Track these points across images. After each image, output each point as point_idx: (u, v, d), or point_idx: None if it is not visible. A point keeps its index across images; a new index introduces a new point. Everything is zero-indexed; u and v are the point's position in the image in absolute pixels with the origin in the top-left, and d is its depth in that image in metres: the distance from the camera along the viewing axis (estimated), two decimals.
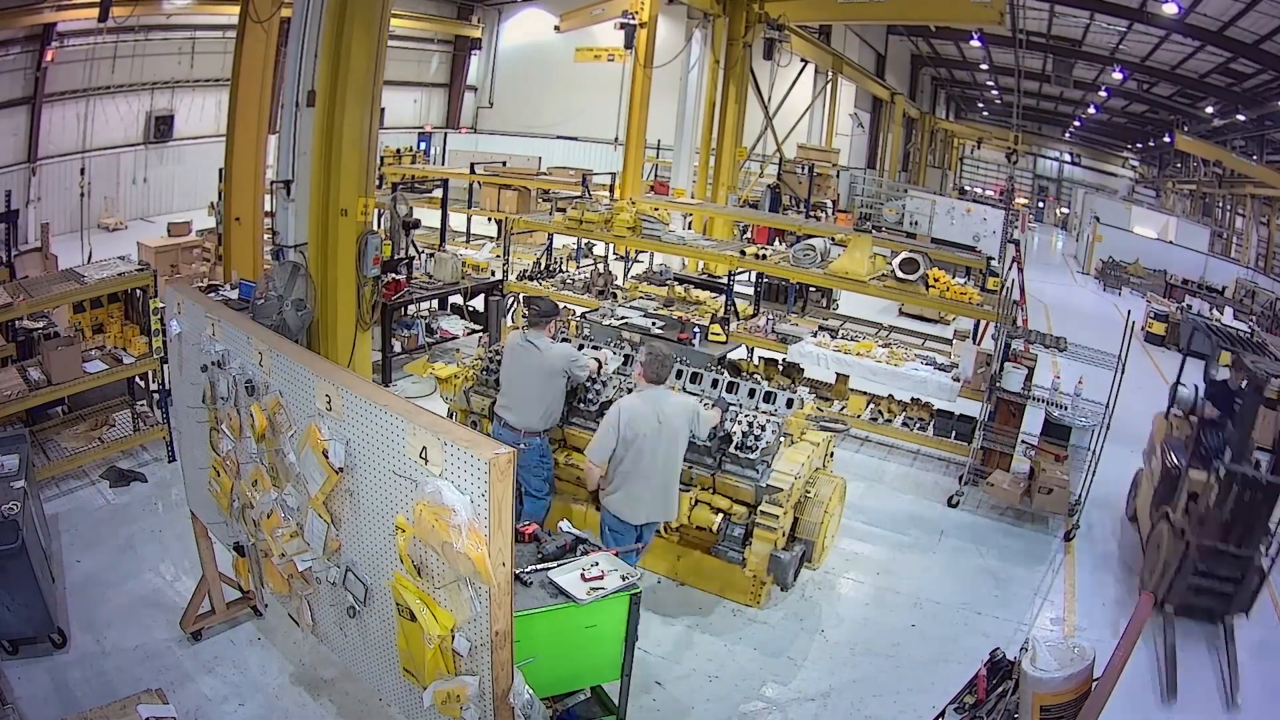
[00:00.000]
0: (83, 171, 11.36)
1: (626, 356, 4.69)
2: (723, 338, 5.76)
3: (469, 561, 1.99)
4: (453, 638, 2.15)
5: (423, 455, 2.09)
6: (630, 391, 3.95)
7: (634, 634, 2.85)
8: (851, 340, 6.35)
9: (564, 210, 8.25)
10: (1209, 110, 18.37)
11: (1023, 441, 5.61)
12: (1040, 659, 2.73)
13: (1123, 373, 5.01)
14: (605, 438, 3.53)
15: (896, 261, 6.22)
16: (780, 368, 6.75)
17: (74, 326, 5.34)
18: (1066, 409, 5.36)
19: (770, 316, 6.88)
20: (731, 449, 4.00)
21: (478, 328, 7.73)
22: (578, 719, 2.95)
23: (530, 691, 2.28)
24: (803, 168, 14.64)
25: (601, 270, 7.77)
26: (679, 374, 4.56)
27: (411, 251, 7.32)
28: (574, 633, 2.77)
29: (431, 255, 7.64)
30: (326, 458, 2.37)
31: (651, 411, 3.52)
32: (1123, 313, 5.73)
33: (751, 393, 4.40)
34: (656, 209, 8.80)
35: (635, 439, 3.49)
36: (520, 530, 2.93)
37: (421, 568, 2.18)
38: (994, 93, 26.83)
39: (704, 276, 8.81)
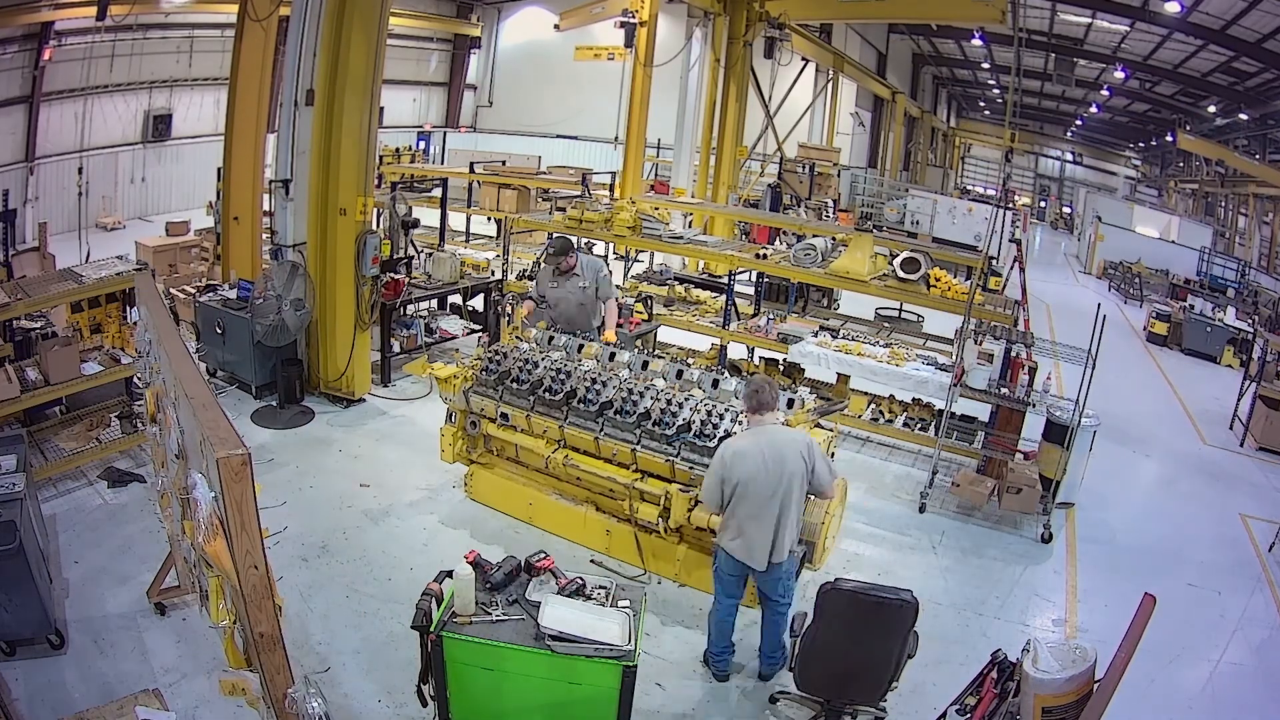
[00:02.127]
0: (81, 171, 11.33)
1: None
2: (645, 316, 6.48)
3: (215, 558, 2.03)
4: (233, 633, 2.22)
5: (200, 449, 2.11)
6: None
7: (627, 711, 2.67)
8: (851, 340, 6.33)
9: (564, 209, 8.23)
10: (1211, 109, 18.32)
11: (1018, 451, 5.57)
12: (1042, 660, 2.71)
13: (1094, 367, 4.98)
14: (710, 483, 3.36)
15: (898, 261, 6.20)
16: (781, 368, 6.73)
17: (72, 326, 5.32)
18: (1035, 405, 5.30)
19: (770, 316, 6.86)
20: None
21: (477, 328, 7.71)
22: None
23: (321, 705, 2.14)
24: (804, 167, 14.61)
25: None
26: (612, 356, 4.56)
27: (411, 251, 7.30)
28: (554, 684, 2.72)
29: (431, 255, 7.62)
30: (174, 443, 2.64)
31: (757, 450, 3.28)
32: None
33: (715, 384, 4.36)
34: (656, 208, 8.78)
35: (743, 481, 3.26)
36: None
37: (210, 562, 2.23)
38: (995, 91, 26.76)
39: (704, 276, 8.78)
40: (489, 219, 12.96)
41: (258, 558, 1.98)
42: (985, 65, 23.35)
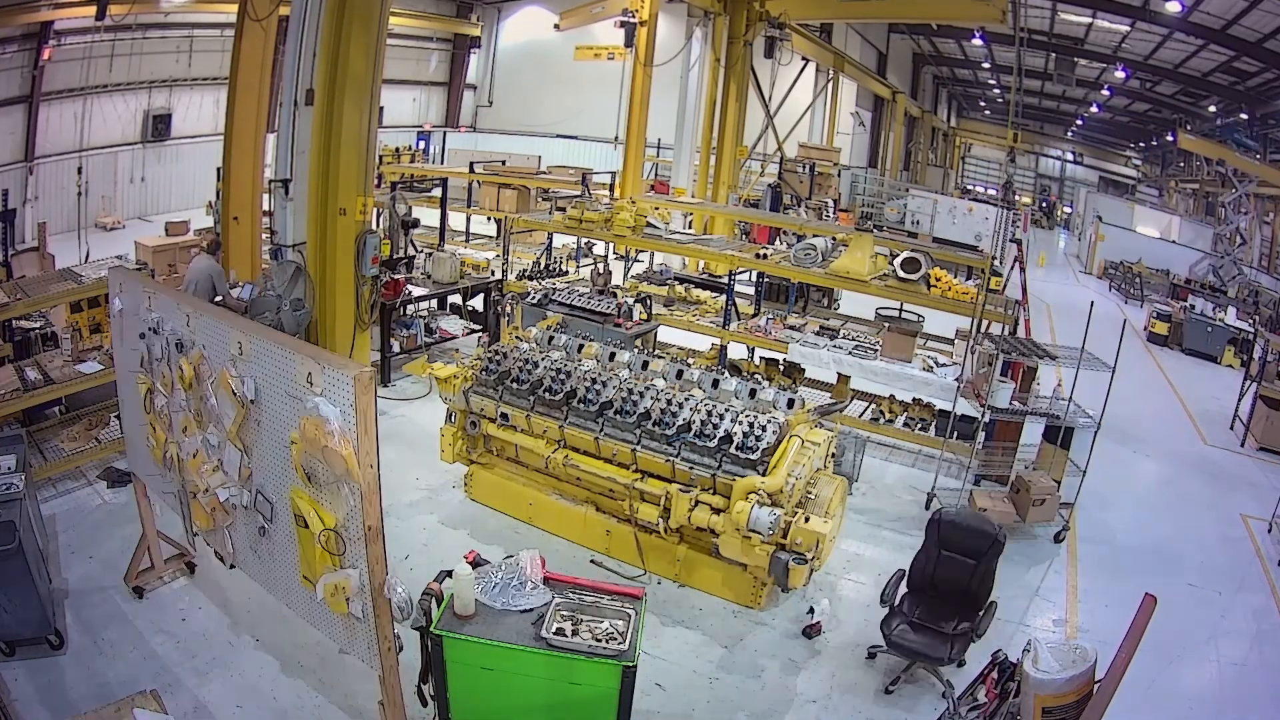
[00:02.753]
0: (80, 170, 11.32)
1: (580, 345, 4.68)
2: (645, 316, 6.67)
3: (342, 460, 2.43)
4: (335, 535, 2.57)
5: (309, 380, 2.55)
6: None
7: (627, 712, 2.69)
8: (852, 340, 6.32)
9: (564, 209, 8.22)
10: (1212, 109, 18.31)
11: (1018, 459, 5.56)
12: (1042, 661, 2.71)
13: (1078, 367, 5.01)
14: None
15: (898, 261, 6.19)
16: (781, 368, 6.73)
17: (71, 326, 5.31)
18: (1060, 416, 5.32)
19: (770, 316, 6.86)
20: (732, 449, 3.98)
21: (477, 327, 7.71)
22: None
23: (406, 591, 2.60)
24: (804, 167, 14.59)
25: (601, 270, 7.74)
26: (612, 356, 4.56)
27: (410, 251, 7.29)
28: (541, 686, 2.74)
29: (430, 255, 7.61)
30: (235, 395, 2.86)
31: None
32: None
33: (752, 393, 4.37)
34: (657, 208, 8.76)
35: None
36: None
37: (311, 475, 2.63)
38: (996, 91, 26.75)
39: (704, 276, 8.77)
40: (489, 219, 12.95)
41: (373, 458, 2.44)
42: (986, 65, 23.33)
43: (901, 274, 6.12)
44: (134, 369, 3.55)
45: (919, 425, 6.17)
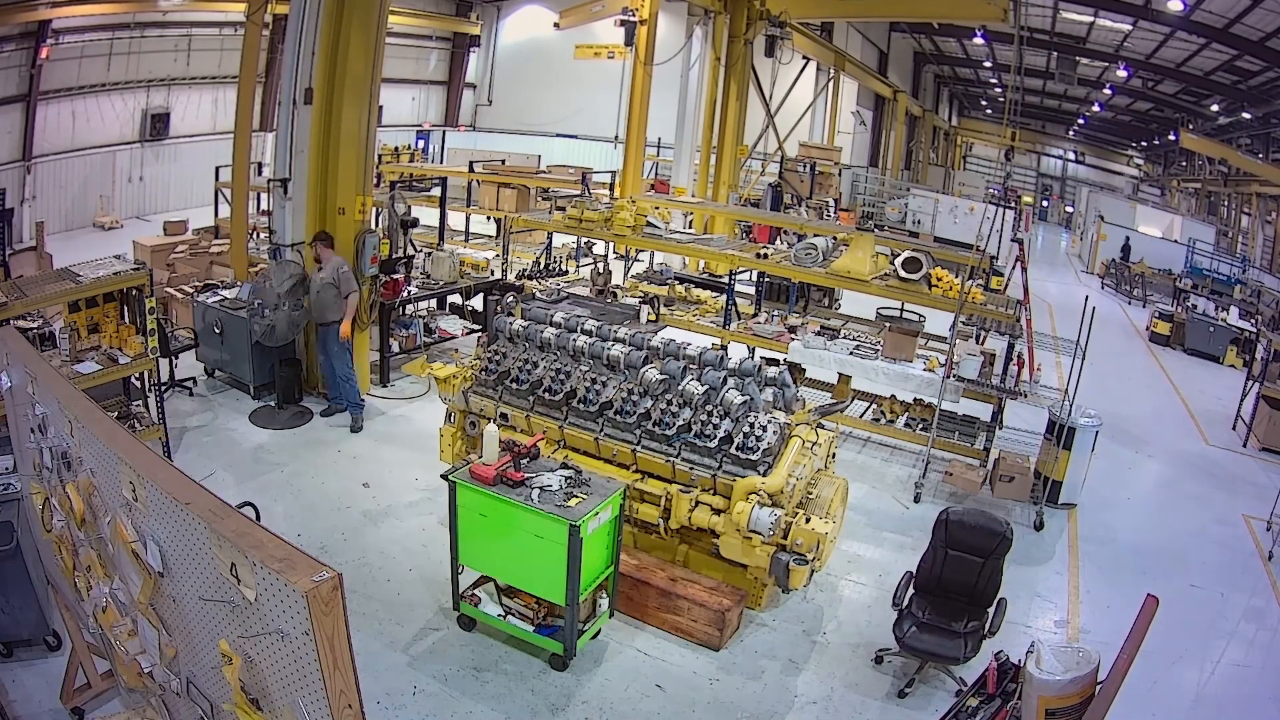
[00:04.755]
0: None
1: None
2: (653, 317, 6.72)
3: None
4: None
5: (233, 573, 1.65)
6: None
7: (575, 563, 3.32)
8: (853, 340, 6.30)
9: (564, 209, 8.19)
10: (1214, 108, 18.26)
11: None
12: (1045, 662, 2.69)
13: (1084, 359, 5.09)
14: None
15: (899, 261, 6.16)
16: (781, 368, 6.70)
17: (69, 326, 5.29)
18: (1025, 396, 5.38)
19: (770, 316, 6.83)
20: (732, 449, 3.96)
21: (476, 327, 7.68)
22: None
23: None
24: (805, 166, 14.56)
25: (601, 270, 7.72)
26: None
27: (410, 250, 7.27)
28: (520, 534, 3.45)
29: (430, 254, 7.59)
30: (139, 558, 1.96)
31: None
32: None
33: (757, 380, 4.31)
34: (657, 207, 8.74)
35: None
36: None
37: (262, 700, 1.75)
38: (997, 90, 26.70)
39: (705, 275, 8.74)
40: (488, 218, 12.93)
41: (352, 696, 1.63)
42: (987, 64, 23.28)
43: (902, 274, 6.09)
44: (28, 473, 2.60)
45: (920, 425, 6.15)
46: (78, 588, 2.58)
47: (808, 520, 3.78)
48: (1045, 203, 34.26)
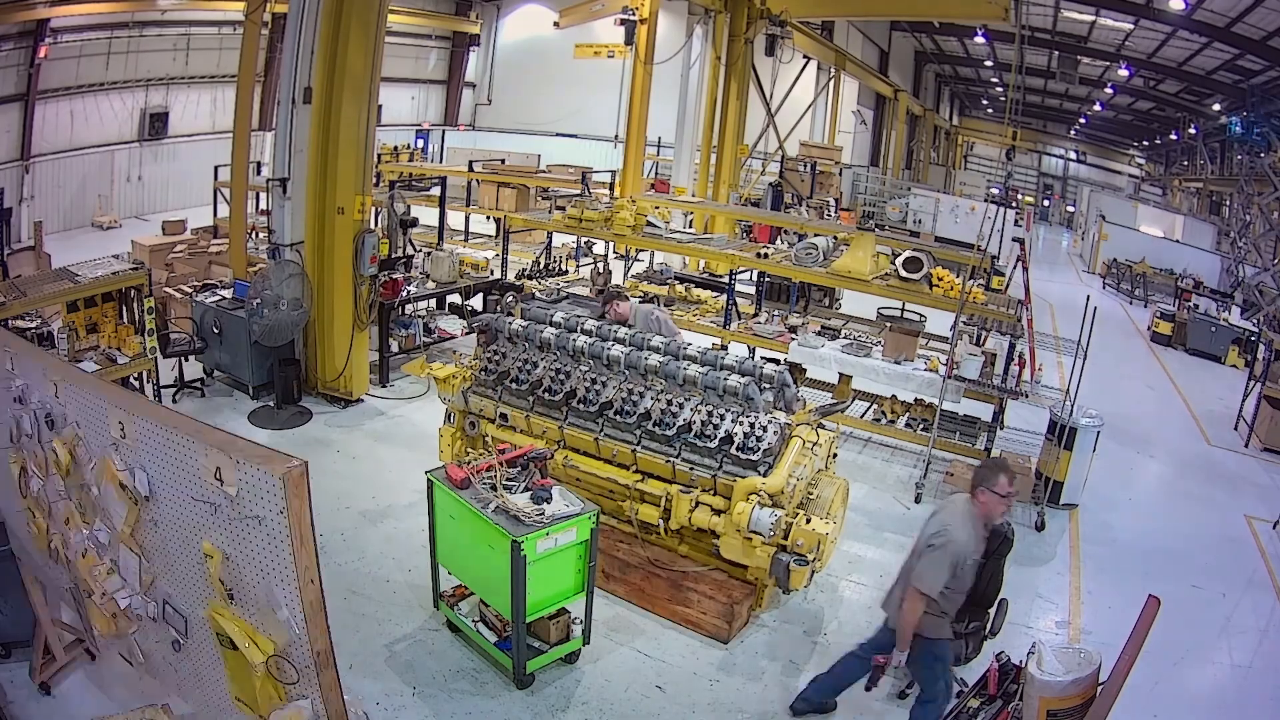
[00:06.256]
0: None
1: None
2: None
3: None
4: (283, 663, 2.08)
5: (217, 476, 1.99)
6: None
7: (520, 581, 3.21)
8: (853, 340, 6.28)
9: (563, 208, 8.18)
10: (1216, 107, 18.22)
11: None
12: (1046, 663, 2.68)
13: (1085, 357, 5.09)
14: (941, 571, 3.12)
15: (900, 260, 6.15)
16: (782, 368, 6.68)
17: (68, 326, 5.28)
18: (1027, 396, 5.38)
19: (771, 316, 6.82)
20: (733, 450, 3.94)
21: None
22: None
23: (365, 714, 2.34)
24: (805, 165, 14.54)
25: (601, 269, 7.70)
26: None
27: (409, 250, 7.25)
28: (479, 542, 3.38)
29: (429, 254, 7.58)
30: (124, 489, 2.27)
31: (970, 530, 3.17)
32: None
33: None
34: (657, 207, 8.72)
35: (960, 564, 3.14)
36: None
37: (235, 592, 2.09)
38: (999, 89, 26.66)
39: (705, 275, 8.73)
40: (488, 218, 12.91)
41: (314, 571, 1.96)
42: (989, 64, 23.24)
43: (903, 273, 6.08)
44: (4, 444, 2.88)
45: (921, 426, 6.13)
46: (52, 548, 2.82)
47: (808, 521, 3.77)
48: (1046, 202, 34.21)
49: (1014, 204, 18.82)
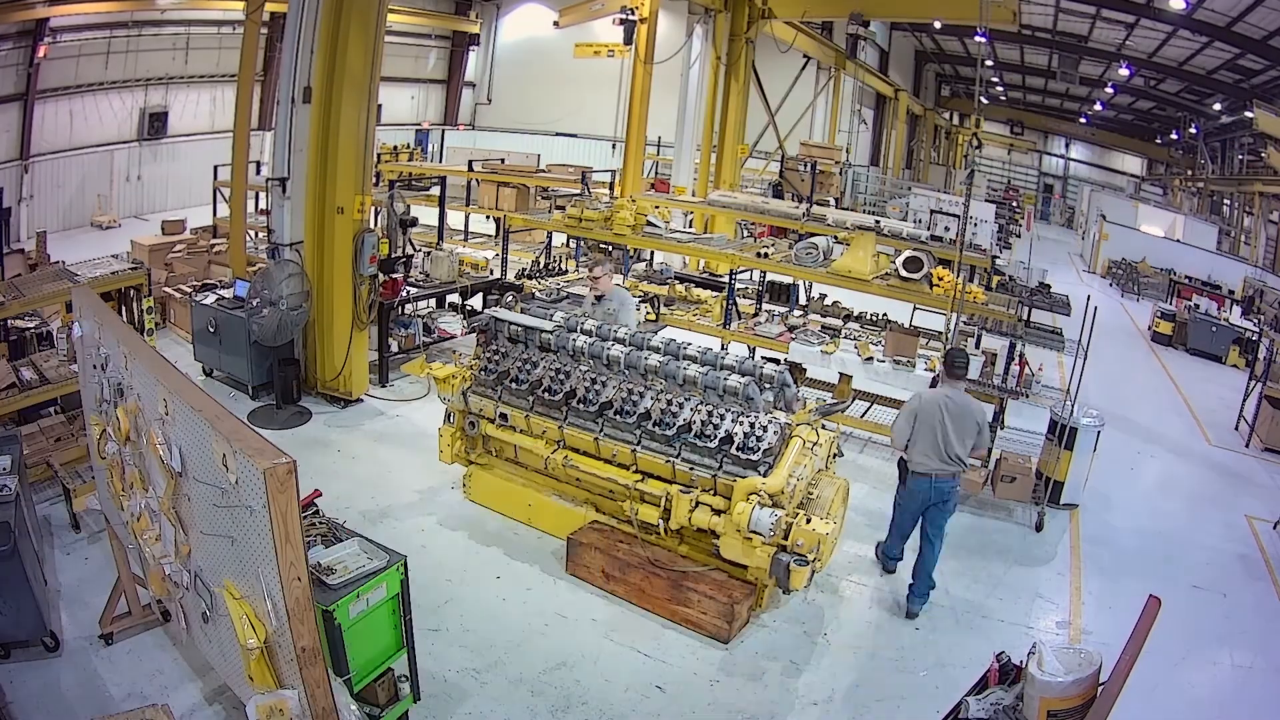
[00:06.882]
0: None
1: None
2: (653, 317, 6.78)
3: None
4: (269, 650, 2.15)
5: (224, 463, 2.09)
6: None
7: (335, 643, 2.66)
8: (852, 340, 6.28)
9: (563, 208, 8.17)
10: (1217, 107, 18.22)
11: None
12: (1047, 663, 2.67)
13: (1086, 357, 5.10)
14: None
15: (900, 260, 6.14)
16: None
17: (67, 326, 5.27)
18: (1029, 396, 5.38)
19: (771, 316, 6.81)
20: (733, 450, 3.94)
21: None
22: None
23: (360, 716, 2.29)
24: (805, 165, 14.52)
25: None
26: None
27: (409, 250, 7.24)
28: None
29: (429, 253, 7.57)
30: (163, 463, 2.41)
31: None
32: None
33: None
34: (657, 207, 8.71)
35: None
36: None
37: (238, 576, 2.20)
38: (1000, 89, 26.65)
39: (705, 275, 8.71)
40: (488, 217, 12.89)
41: (301, 570, 1.99)
42: (989, 63, 23.22)
43: (904, 273, 6.07)
44: (92, 407, 3.13)
45: None
46: (124, 508, 3.02)
47: (808, 521, 3.76)
48: (1047, 202, 34.14)
49: (1014, 203, 18.77)
